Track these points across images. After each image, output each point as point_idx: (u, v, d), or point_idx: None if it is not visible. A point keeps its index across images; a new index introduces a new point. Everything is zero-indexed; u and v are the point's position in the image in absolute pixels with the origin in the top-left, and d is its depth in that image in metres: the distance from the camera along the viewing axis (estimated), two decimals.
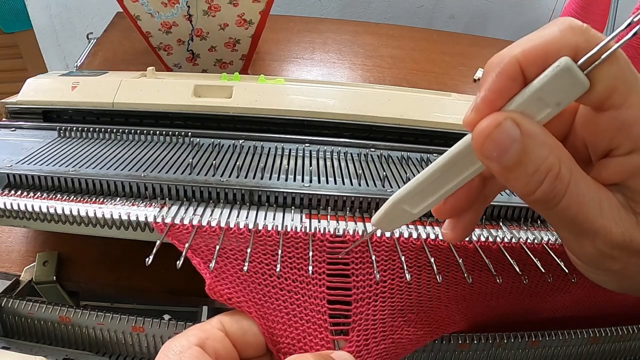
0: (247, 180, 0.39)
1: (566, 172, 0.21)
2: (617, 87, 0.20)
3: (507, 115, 0.20)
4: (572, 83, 0.19)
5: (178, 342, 0.24)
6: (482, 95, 0.21)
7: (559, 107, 0.20)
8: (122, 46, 0.87)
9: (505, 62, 0.20)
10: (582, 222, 0.21)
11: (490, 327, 0.35)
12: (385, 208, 0.26)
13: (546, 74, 0.19)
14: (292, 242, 0.32)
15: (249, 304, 0.28)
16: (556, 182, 0.20)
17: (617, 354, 0.39)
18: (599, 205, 0.21)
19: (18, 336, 0.38)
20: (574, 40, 0.19)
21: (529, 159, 0.20)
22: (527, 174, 0.21)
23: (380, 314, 0.30)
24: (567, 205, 0.21)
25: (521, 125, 0.20)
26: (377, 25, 1.03)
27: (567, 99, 0.20)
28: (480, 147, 0.21)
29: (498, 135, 0.20)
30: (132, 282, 0.48)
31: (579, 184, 0.21)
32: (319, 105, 0.50)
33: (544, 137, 0.21)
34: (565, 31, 0.19)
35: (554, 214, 0.22)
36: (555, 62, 0.19)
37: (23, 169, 0.39)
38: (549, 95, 0.20)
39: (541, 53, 0.20)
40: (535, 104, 0.20)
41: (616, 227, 0.21)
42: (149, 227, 0.35)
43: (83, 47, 0.86)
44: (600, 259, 0.22)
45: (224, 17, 0.67)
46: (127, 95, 0.51)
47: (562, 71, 0.19)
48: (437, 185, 0.24)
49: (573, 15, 0.87)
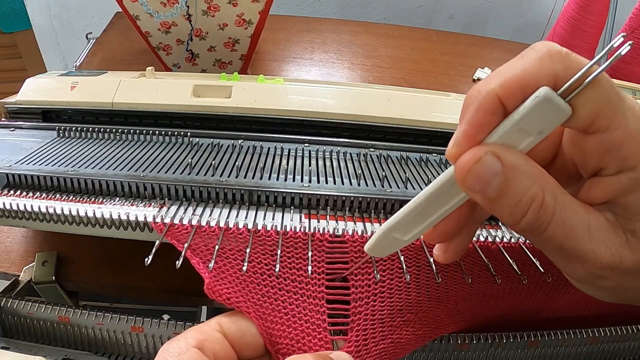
0: (246, 180, 0.39)
1: (551, 201, 0.21)
2: (601, 111, 0.20)
3: (488, 149, 0.20)
4: (554, 111, 0.19)
5: (176, 344, 0.24)
6: (462, 130, 0.21)
7: (541, 135, 0.20)
8: (122, 46, 0.87)
9: (483, 96, 0.20)
10: (570, 249, 0.21)
11: (489, 327, 0.35)
12: (377, 237, 0.26)
13: (525, 106, 0.19)
14: (291, 242, 0.32)
15: (247, 304, 0.28)
16: (540, 212, 0.21)
17: (617, 354, 0.39)
18: (587, 230, 0.21)
19: (17, 336, 0.38)
20: (553, 69, 0.19)
21: (512, 191, 0.20)
22: (511, 205, 0.21)
23: (380, 313, 0.30)
24: (553, 233, 0.21)
25: (502, 158, 0.20)
26: (376, 25, 1.03)
27: (549, 127, 0.20)
28: (463, 182, 0.21)
29: (479, 170, 0.20)
30: (132, 282, 0.48)
31: (565, 211, 0.21)
32: (318, 105, 0.50)
33: (527, 167, 0.21)
34: (544, 59, 0.19)
35: (541, 241, 0.22)
36: (534, 92, 0.19)
37: (22, 169, 0.39)
38: (530, 125, 0.20)
39: (519, 85, 0.19)
40: (516, 134, 0.20)
41: (605, 249, 0.21)
42: (148, 227, 0.35)
43: (82, 47, 0.86)
44: (592, 279, 0.22)
45: (223, 17, 0.67)
46: (126, 95, 0.50)
47: (541, 102, 0.19)
48: (425, 213, 0.24)
49: (573, 15, 0.87)
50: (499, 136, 0.20)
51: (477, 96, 0.20)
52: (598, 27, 0.86)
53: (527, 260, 0.33)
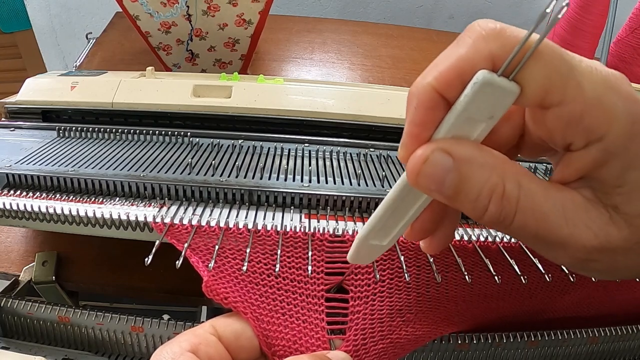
0: (246, 180, 0.39)
1: (513, 190, 0.19)
2: (550, 85, 0.18)
3: (435, 146, 0.19)
4: (499, 93, 0.18)
5: (170, 349, 0.24)
6: (406, 130, 0.20)
7: (493, 120, 0.19)
8: (122, 46, 0.87)
9: (420, 92, 0.19)
10: (545, 236, 0.20)
11: (489, 327, 0.35)
12: (355, 246, 0.25)
13: (466, 94, 0.18)
14: (291, 242, 0.32)
15: (244, 304, 0.28)
16: (503, 202, 0.19)
17: (617, 354, 0.39)
18: (562, 213, 0.19)
19: (17, 336, 0.38)
20: (488, 50, 0.18)
21: (469, 185, 0.19)
22: (471, 200, 0.20)
23: (379, 313, 0.30)
24: (522, 222, 0.19)
25: (453, 152, 0.19)
26: (376, 25, 1.03)
27: (500, 110, 0.19)
28: (416, 184, 0.20)
29: (429, 170, 0.19)
30: (132, 282, 0.48)
31: (533, 198, 0.19)
32: (318, 105, 0.50)
33: (482, 157, 0.19)
34: (477, 41, 0.18)
35: (512, 232, 0.20)
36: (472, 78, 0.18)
37: (22, 169, 0.39)
38: (477, 112, 0.19)
39: (456, 74, 0.18)
40: (465, 124, 0.19)
41: (587, 231, 0.19)
42: (149, 227, 0.35)
43: (82, 47, 0.86)
44: (580, 264, 0.20)
45: (223, 17, 0.67)
46: (126, 95, 0.51)
47: (481, 87, 0.18)
48: (395, 218, 0.23)
49: (572, 15, 0.87)
50: (447, 129, 0.19)
51: (415, 93, 0.19)
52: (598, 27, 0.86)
53: (528, 261, 0.33)
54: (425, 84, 0.19)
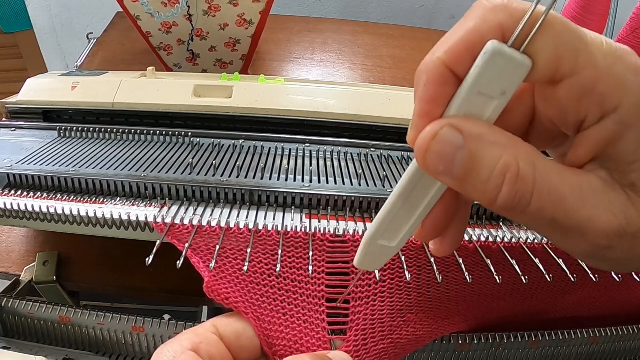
0: (247, 180, 0.39)
1: (528, 169, 0.18)
2: (562, 54, 0.17)
3: (445, 122, 0.18)
4: (510, 66, 0.17)
5: (171, 347, 0.24)
6: (417, 109, 0.19)
7: (506, 96, 0.18)
8: (122, 46, 0.87)
9: (429, 67, 0.18)
10: (563, 220, 0.18)
11: (490, 327, 0.35)
12: (362, 249, 0.23)
13: (477, 65, 0.18)
14: (292, 242, 0.32)
15: (246, 304, 0.28)
16: (518, 184, 0.18)
17: (617, 354, 0.38)
18: (580, 195, 0.18)
19: (18, 336, 0.38)
20: (497, 20, 0.17)
21: (480, 164, 0.18)
22: (482, 181, 0.18)
23: (379, 313, 0.30)
24: (539, 205, 0.18)
25: (463, 129, 0.18)
26: (377, 25, 1.03)
27: (512, 84, 0.18)
28: (424, 164, 0.19)
29: (438, 147, 0.18)
30: (133, 282, 0.48)
31: (550, 178, 0.18)
32: (319, 106, 0.50)
33: (493, 135, 0.18)
34: (486, 13, 0.18)
35: (527, 218, 0.19)
36: (482, 49, 0.17)
37: (23, 169, 0.39)
38: (488, 86, 0.18)
39: (465, 46, 0.18)
40: (477, 101, 0.18)
41: (606, 214, 0.18)
42: (149, 227, 0.35)
43: (83, 47, 0.86)
44: (598, 251, 0.19)
45: (224, 17, 0.67)
46: (127, 96, 0.51)
47: (492, 57, 0.17)
48: (406, 213, 0.22)
49: (573, 15, 0.87)
50: (458, 106, 0.18)
51: (424, 70, 0.19)
52: (599, 27, 0.86)
53: (529, 261, 0.33)
54: (435, 59, 0.18)
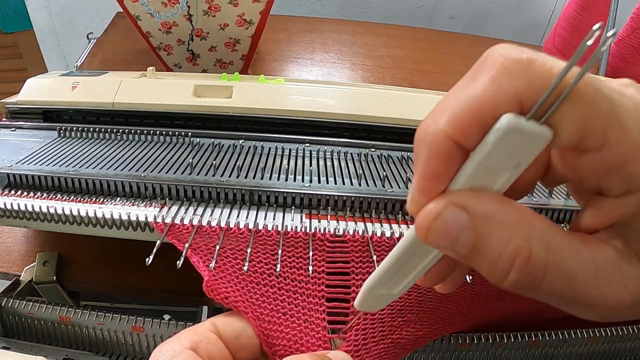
0: (247, 180, 0.39)
1: (540, 253, 0.16)
2: (590, 127, 0.16)
3: (448, 200, 0.17)
4: (527, 139, 0.15)
5: (170, 346, 0.24)
6: (416, 184, 0.17)
7: (519, 169, 0.16)
8: (122, 46, 0.87)
9: (432, 140, 0.16)
10: (573, 297, 0.17)
11: (490, 327, 0.35)
12: (362, 294, 0.23)
13: (487, 142, 0.15)
14: (292, 242, 0.32)
15: (245, 304, 0.28)
16: (529, 268, 0.17)
17: (617, 354, 0.38)
18: (593, 272, 0.17)
19: (18, 336, 0.38)
20: (514, 88, 0.15)
21: (487, 247, 0.17)
22: (489, 263, 0.17)
23: (380, 313, 0.30)
24: (550, 287, 0.17)
25: (468, 207, 0.17)
26: (377, 25, 1.03)
27: (527, 157, 0.16)
28: (426, 241, 0.18)
29: (440, 227, 0.17)
30: (132, 282, 0.48)
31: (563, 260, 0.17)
32: (319, 105, 0.50)
33: (502, 214, 0.17)
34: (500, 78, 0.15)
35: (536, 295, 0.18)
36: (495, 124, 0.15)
37: (23, 169, 0.39)
38: (500, 162, 0.16)
39: (474, 118, 0.16)
40: (486, 174, 0.16)
41: (619, 289, 0.17)
42: (149, 227, 0.35)
43: (83, 47, 0.86)
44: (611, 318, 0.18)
45: (224, 17, 0.67)
46: (127, 96, 0.51)
47: (505, 134, 0.15)
48: (405, 271, 0.21)
49: (573, 15, 0.87)
50: (464, 181, 0.17)
51: (425, 140, 0.17)
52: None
53: None
54: (438, 131, 0.16)
